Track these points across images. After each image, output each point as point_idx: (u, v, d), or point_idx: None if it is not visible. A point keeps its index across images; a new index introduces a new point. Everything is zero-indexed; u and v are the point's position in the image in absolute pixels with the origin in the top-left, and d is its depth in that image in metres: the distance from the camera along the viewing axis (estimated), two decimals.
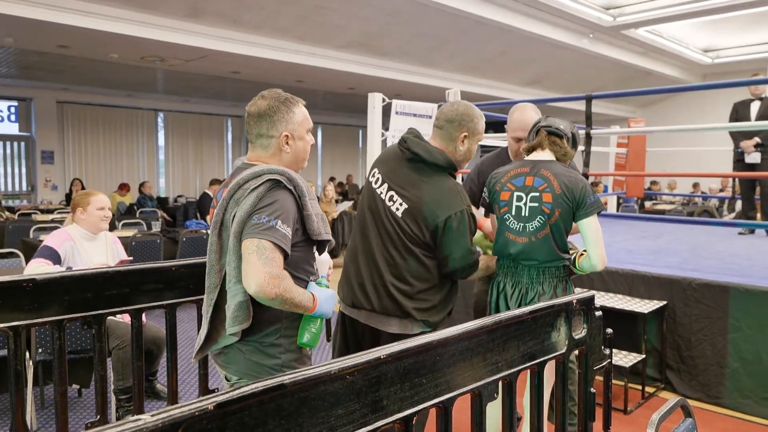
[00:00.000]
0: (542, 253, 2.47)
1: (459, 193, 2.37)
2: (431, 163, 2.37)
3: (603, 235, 2.47)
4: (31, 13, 7.09)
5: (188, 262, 2.49)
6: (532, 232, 2.46)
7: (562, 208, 2.43)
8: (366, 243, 2.44)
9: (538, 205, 2.46)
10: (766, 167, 5.96)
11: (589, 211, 2.43)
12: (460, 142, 2.43)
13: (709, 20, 11.06)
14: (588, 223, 2.43)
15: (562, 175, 2.46)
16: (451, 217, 2.30)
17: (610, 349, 2.15)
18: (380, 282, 2.38)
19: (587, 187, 2.45)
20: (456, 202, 2.33)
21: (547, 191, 2.45)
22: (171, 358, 2.46)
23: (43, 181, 13.52)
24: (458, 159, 2.45)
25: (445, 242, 2.33)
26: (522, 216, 2.49)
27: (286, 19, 8.80)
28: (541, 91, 14.48)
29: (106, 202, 3.70)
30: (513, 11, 9.50)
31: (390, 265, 2.37)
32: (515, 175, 2.55)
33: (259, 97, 1.96)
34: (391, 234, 2.37)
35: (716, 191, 13.03)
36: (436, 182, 2.37)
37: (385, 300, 2.37)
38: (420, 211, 2.33)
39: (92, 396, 3.76)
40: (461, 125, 2.42)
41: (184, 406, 1.03)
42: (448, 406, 1.54)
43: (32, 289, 2.07)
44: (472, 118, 2.44)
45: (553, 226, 2.45)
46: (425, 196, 2.34)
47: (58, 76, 12.01)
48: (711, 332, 3.79)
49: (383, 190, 2.43)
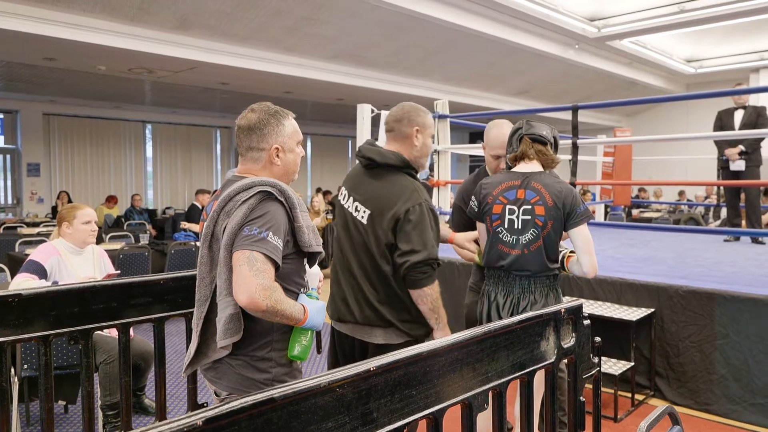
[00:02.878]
0: (535, 264, 2.50)
1: (416, 189, 2.38)
2: (385, 165, 2.41)
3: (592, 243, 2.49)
4: (18, 25, 7.06)
5: (177, 275, 2.47)
6: (525, 244, 2.49)
7: (555, 219, 2.46)
8: (344, 258, 2.47)
9: (530, 218, 2.48)
10: (750, 175, 6.03)
11: (578, 221, 2.46)
12: (415, 137, 2.46)
13: (691, 31, 11.21)
14: (578, 232, 2.46)
15: (552, 186, 2.49)
16: (410, 210, 2.31)
17: (599, 357, 2.16)
18: (360, 294, 2.40)
19: (577, 197, 2.48)
20: (414, 196, 2.34)
21: (540, 204, 2.47)
22: (159, 372, 2.44)
23: (29, 193, 13.40)
24: (416, 156, 2.47)
25: (406, 235, 2.31)
26: (515, 228, 2.50)
27: (274, 31, 8.82)
28: (528, 101, 14.58)
29: (92, 216, 3.67)
30: (500, 23, 9.58)
31: (366, 275, 2.39)
32: (507, 188, 2.56)
33: (249, 110, 1.96)
34: (363, 244, 2.40)
35: (702, 199, 13.14)
36: (392, 181, 2.40)
37: (367, 310, 2.38)
38: (380, 211, 2.36)
39: (79, 412, 3.72)
40: (411, 121, 2.46)
41: (173, 422, 1.02)
42: (439, 417, 1.54)
43: (18, 305, 2.05)
44: (419, 112, 2.48)
45: (546, 237, 2.48)
46: (383, 197, 2.37)
47: (45, 88, 11.95)
48: (698, 339, 3.81)
49: (350, 203, 2.48)
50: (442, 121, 6.60)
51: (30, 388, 3.37)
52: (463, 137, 19.38)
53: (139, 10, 7.55)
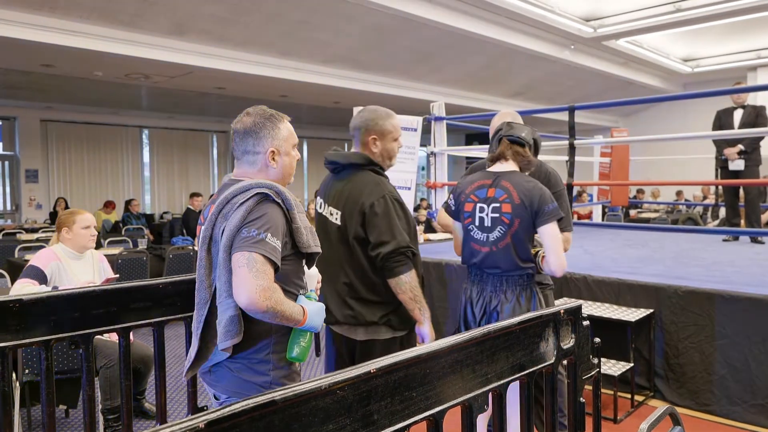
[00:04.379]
0: (504, 262, 2.52)
1: (379, 183, 2.47)
2: (348, 165, 2.52)
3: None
4: (15, 33, 7.08)
5: (176, 279, 2.47)
6: (493, 241, 2.52)
7: (522, 217, 2.48)
8: (325, 263, 2.52)
9: (498, 216, 2.51)
10: (749, 174, 6.04)
11: (547, 219, 2.47)
12: (372, 145, 2.54)
13: (687, 30, 11.23)
14: (546, 231, 2.48)
15: (520, 184, 2.52)
16: (374, 203, 2.40)
17: (598, 358, 2.16)
18: (340, 295, 2.51)
19: (545, 195, 2.49)
20: (376, 190, 2.44)
21: (507, 201, 2.50)
22: (159, 376, 2.44)
23: (28, 200, 13.40)
24: (377, 161, 2.54)
25: (373, 228, 2.39)
26: (485, 226, 2.54)
27: (270, 35, 8.83)
28: (524, 103, 14.60)
29: (91, 221, 3.68)
30: (495, 24, 9.60)
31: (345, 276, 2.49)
32: (478, 186, 2.60)
33: (244, 114, 1.97)
34: (340, 245, 2.49)
35: (700, 199, 13.16)
36: (356, 179, 2.50)
37: (346, 310, 2.48)
38: (350, 209, 2.45)
39: (79, 416, 3.72)
40: (368, 130, 2.54)
41: (175, 425, 1.02)
42: (439, 419, 1.54)
43: (19, 310, 2.05)
44: (377, 120, 2.54)
45: (514, 235, 2.50)
46: (350, 195, 2.47)
47: (42, 94, 11.96)
48: (698, 339, 3.82)
49: (325, 210, 2.58)
50: (438, 123, 6.61)
51: (31, 393, 3.37)
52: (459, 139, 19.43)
53: (135, 16, 7.57)
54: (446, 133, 6.77)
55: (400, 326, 2.48)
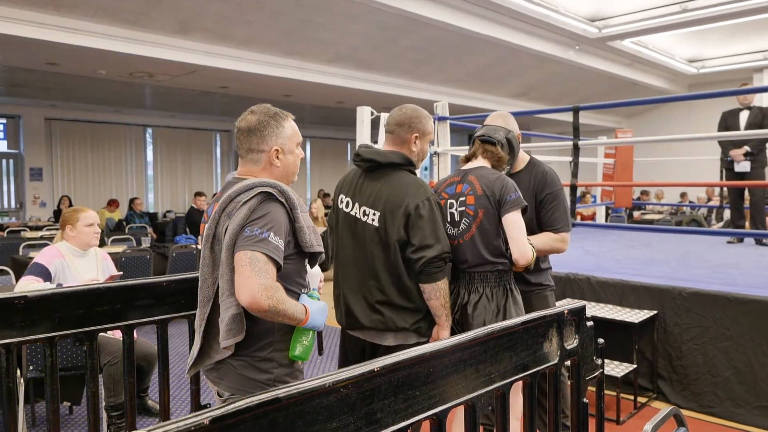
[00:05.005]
0: (471, 254, 2.52)
1: (422, 185, 2.43)
2: (387, 164, 2.44)
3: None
4: (20, 31, 7.09)
5: (179, 278, 2.48)
6: (459, 234, 2.54)
7: (485, 208, 2.49)
8: (350, 265, 2.48)
9: (464, 209, 2.54)
10: (755, 176, 6.02)
11: (509, 208, 2.48)
12: (413, 144, 2.50)
13: (693, 31, 11.20)
14: (508, 219, 2.49)
15: (484, 177, 2.55)
16: (419, 205, 2.35)
17: (601, 359, 2.16)
18: (369, 299, 2.42)
19: (507, 185, 2.51)
20: (421, 191, 2.39)
21: (470, 194, 2.53)
22: (163, 374, 2.45)
23: (32, 198, 13.44)
24: (413, 159, 2.52)
25: (418, 230, 2.34)
26: (455, 221, 2.56)
27: (273, 34, 8.84)
28: (528, 103, 14.59)
29: (95, 219, 3.69)
30: (500, 24, 9.59)
31: (377, 279, 2.40)
32: (448, 184, 2.65)
33: (248, 112, 1.97)
34: (376, 246, 2.40)
35: (704, 200, 13.12)
36: (397, 179, 2.43)
37: (375, 315, 2.40)
38: (391, 209, 2.38)
39: (82, 413, 3.73)
40: (411, 127, 2.49)
41: (179, 421, 1.03)
42: (442, 418, 1.54)
43: (24, 307, 2.06)
44: (421, 119, 2.52)
45: (479, 227, 2.50)
46: (391, 195, 2.39)
47: (46, 93, 11.99)
48: (702, 341, 3.81)
49: (356, 210, 2.48)
50: (441, 123, 6.60)
51: (35, 390, 3.38)
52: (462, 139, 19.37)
53: (139, 14, 7.58)
54: (450, 133, 6.76)
55: (427, 333, 2.43)
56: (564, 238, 2.79)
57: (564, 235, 2.79)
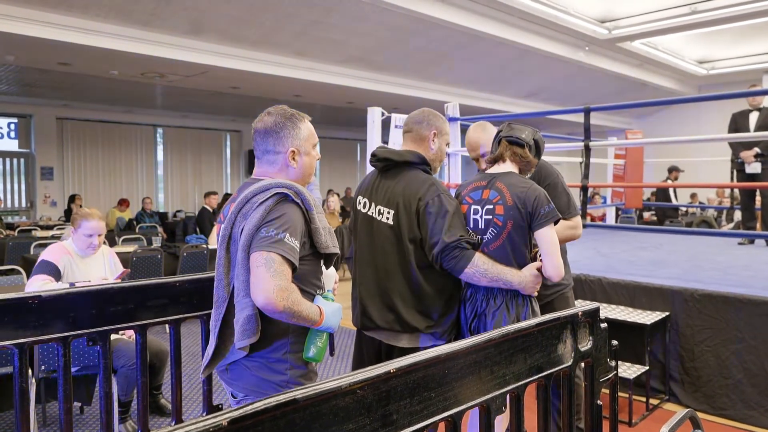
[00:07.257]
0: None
1: (434, 183, 2.43)
2: (402, 162, 2.47)
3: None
4: (33, 31, 7.14)
5: (193, 277, 2.49)
6: (485, 243, 2.44)
7: (514, 220, 2.40)
8: (367, 265, 2.49)
9: (491, 218, 2.44)
10: (766, 177, 5.98)
11: (543, 222, 2.38)
12: (431, 141, 2.53)
13: (703, 32, 11.13)
14: (542, 234, 2.40)
15: (515, 186, 2.44)
16: (429, 202, 2.36)
17: (615, 361, 2.15)
18: (385, 300, 2.42)
19: (541, 197, 2.40)
20: (431, 189, 2.39)
21: (500, 203, 2.43)
22: (175, 374, 2.46)
23: (43, 197, 13.52)
24: (431, 158, 2.53)
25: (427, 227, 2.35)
26: (479, 228, 2.46)
27: (284, 35, 8.86)
28: (537, 104, 14.55)
29: (95, 229, 3.57)
30: (509, 25, 9.56)
31: (392, 279, 2.40)
32: (474, 188, 2.54)
33: (265, 114, 1.98)
34: (392, 245, 2.41)
35: (715, 201, 13.04)
36: (410, 177, 2.45)
37: (390, 316, 2.40)
38: (404, 207, 2.39)
39: (94, 413, 3.75)
40: (430, 124, 2.54)
41: (199, 422, 1.03)
42: (457, 419, 1.54)
43: (37, 306, 2.07)
44: (438, 118, 2.57)
45: (507, 238, 2.41)
46: (404, 193, 2.42)
47: (58, 92, 12.06)
48: (714, 343, 3.79)
49: (372, 210, 2.50)
50: (452, 124, 6.60)
51: (46, 390, 3.39)
52: None
53: (151, 15, 7.61)
54: (460, 133, 6.76)
55: (442, 336, 2.42)
56: (575, 223, 2.78)
57: (575, 220, 2.78)
